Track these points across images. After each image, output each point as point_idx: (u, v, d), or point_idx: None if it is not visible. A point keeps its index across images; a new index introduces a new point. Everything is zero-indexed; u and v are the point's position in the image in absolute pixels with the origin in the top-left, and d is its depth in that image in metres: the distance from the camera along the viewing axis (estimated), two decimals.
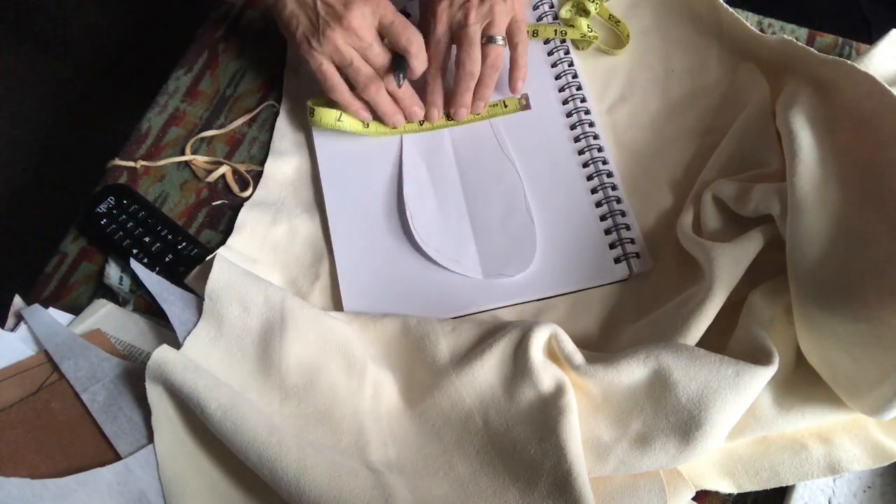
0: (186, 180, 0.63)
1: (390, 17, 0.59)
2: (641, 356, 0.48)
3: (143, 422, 0.49)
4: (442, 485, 0.48)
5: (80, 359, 0.51)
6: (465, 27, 0.60)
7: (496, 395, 0.49)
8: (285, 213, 0.61)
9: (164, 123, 0.65)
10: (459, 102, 0.62)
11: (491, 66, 0.61)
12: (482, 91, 0.62)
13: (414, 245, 0.58)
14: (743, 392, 0.46)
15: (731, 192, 0.55)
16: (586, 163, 0.61)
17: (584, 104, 0.64)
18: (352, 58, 0.59)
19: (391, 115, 0.62)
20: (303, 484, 0.45)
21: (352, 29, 0.58)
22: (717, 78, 0.65)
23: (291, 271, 0.58)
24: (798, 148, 0.52)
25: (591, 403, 0.49)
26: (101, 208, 0.59)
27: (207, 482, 0.49)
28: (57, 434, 0.49)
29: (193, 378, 0.47)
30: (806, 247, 0.48)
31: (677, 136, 0.63)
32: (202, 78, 0.68)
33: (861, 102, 0.52)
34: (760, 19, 0.69)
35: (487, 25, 0.61)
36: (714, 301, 0.50)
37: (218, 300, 0.51)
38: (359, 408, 0.50)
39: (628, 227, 0.59)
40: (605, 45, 0.67)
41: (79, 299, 0.58)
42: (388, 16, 0.59)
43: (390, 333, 0.53)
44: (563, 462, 0.45)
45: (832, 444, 0.49)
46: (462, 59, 0.61)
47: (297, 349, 0.50)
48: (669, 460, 0.47)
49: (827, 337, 0.47)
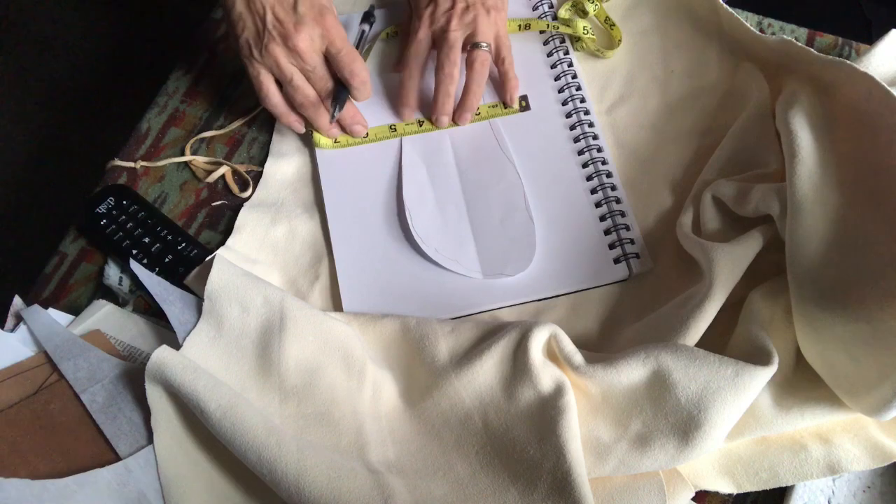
0: (186, 181, 0.63)
1: (338, 45, 0.58)
2: (641, 356, 0.48)
3: (143, 422, 0.49)
4: (441, 485, 0.48)
5: (79, 359, 0.51)
6: (446, 32, 0.61)
7: (496, 396, 0.49)
8: (285, 213, 0.61)
9: (163, 124, 0.66)
10: (440, 110, 0.62)
11: (477, 73, 0.61)
12: (469, 99, 0.62)
13: (413, 245, 0.58)
14: (742, 392, 0.46)
15: (731, 192, 0.55)
16: (586, 163, 0.61)
17: (584, 104, 0.64)
18: (292, 75, 0.58)
19: (326, 131, 0.62)
20: (302, 484, 0.45)
21: (297, 51, 0.57)
22: (717, 78, 0.65)
23: (291, 272, 0.59)
24: (798, 148, 0.52)
25: (590, 404, 0.49)
26: (101, 209, 0.59)
27: (207, 482, 0.49)
28: (57, 435, 0.49)
29: (193, 378, 0.47)
30: (805, 247, 0.48)
31: (677, 136, 0.63)
32: (202, 78, 0.68)
33: (861, 103, 0.52)
34: (760, 19, 0.69)
35: (471, 34, 0.61)
36: (714, 301, 0.50)
37: (217, 301, 0.51)
38: (358, 408, 0.50)
39: (628, 227, 0.59)
40: (599, 46, 0.67)
41: (78, 300, 0.58)
42: (336, 43, 0.58)
43: (390, 334, 0.53)
44: (563, 462, 0.45)
45: (832, 445, 0.49)
46: (441, 61, 0.61)
47: (297, 350, 0.50)
48: (669, 460, 0.47)
49: (827, 337, 0.47)
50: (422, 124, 0.64)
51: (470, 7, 0.62)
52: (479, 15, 0.61)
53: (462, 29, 0.61)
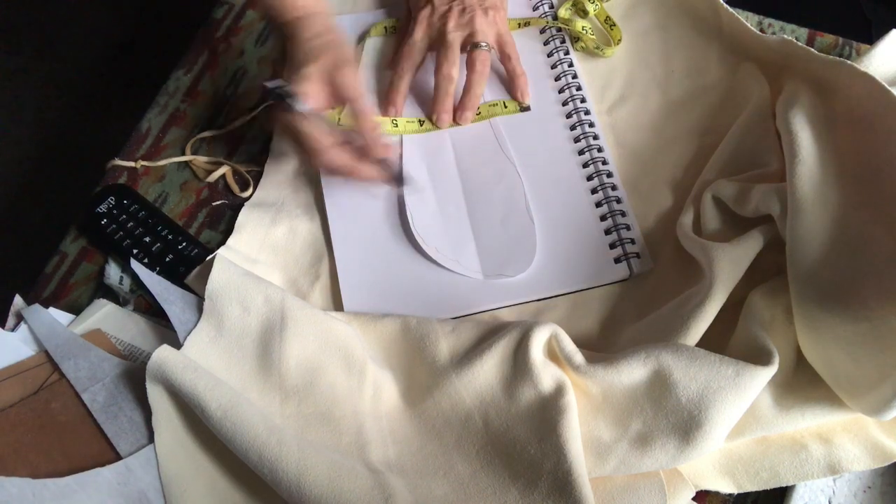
0: (186, 180, 0.63)
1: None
2: (641, 356, 0.48)
3: (144, 422, 0.49)
4: (442, 485, 0.48)
5: (80, 359, 0.51)
6: (443, 34, 0.61)
7: (496, 395, 0.49)
8: (285, 213, 0.61)
9: (164, 123, 0.66)
10: (440, 108, 0.62)
11: (477, 72, 0.61)
12: (469, 98, 0.62)
13: (414, 245, 0.58)
14: (743, 392, 0.46)
15: (731, 192, 0.55)
16: (586, 163, 0.61)
17: (584, 104, 0.64)
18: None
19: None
20: (303, 484, 0.45)
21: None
22: (717, 78, 0.65)
23: (291, 271, 0.58)
24: (798, 148, 0.52)
25: (591, 403, 0.49)
26: (102, 208, 0.59)
27: (208, 482, 0.49)
28: (57, 434, 0.49)
29: (193, 378, 0.47)
30: (806, 247, 0.48)
31: (677, 136, 0.63)
32: (202, 78, 0.68)
33: (861, 103, 0.52)
34: (760, 19, 0.69)
35: (470, 35, 0.61)
36: (714, 301, 0.50)
37: (218, 300, 0.51)
38: (359, 408, 0.50)
39: (628, 227, 0.59)
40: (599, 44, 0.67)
41: (79, 299, 0.58)
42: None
43: (390, 333, 0.53)
44: (563, 462, 0.45)
45: (832, 445, 0.49)
46: (439, 61, 0.61)
47: (297, 349, 0.50)
48: (669, 460, 0.47)
49: (827, 337, 0.47)
50: (422, 124, 0.64)
51: (467, 8, 0.62)
52: (476, 15, 0.61)
53: (460, 30, 0.61)
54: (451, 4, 0.62)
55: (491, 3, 0.63)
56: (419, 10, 0.63)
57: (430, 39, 0.62)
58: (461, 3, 0.62)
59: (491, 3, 0.63)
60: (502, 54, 0.64)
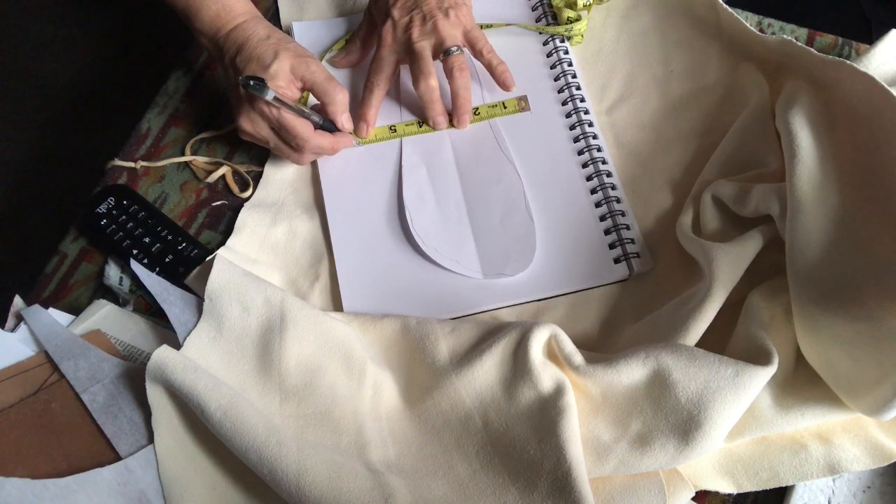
0: (186, 181, 0.63)
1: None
2: (641, 356, 0.48)
3: (144, 422, 0.49)
4: (442, 485, 0.48)
5: (80, 359, 0.51)
6: (411, 45, 0.60)
7: (496, 396, 0.49)
8: (285, 213, 0.61)
9: (164, 124, 0.66)
10: (433, 115, 0.62)
11: (458, 78, 0.61)
12: (460, 104, 0.62)
13: (414, 245, 0.58)
14: (742, 392, 0.46)
15: (731, 192, 0.55)
16: (586, 163, 0.61)
17: (584, 104, 0.64)
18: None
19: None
20: (303, 484, 0.45)
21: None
22: (717, 78, 0.65)
23: (291, 272, 0.59)
24: (797, 148, 0.52)
25: (590, 404, 0.49)
26: (101, 209, 0.59)
27: (207, 482, 0.49)
28: (57, 434, 0.49)
29: (193, 378, 0.47)
30: (805, 247, 0.48)
31: (677, 136, 0.63)
32: (202, 78, 0.68)
33: (861, 102, 0.52)
34: (760, 19, 0.69)
35: (438, 42, 0.61)
36: (714, 301, 0.50)
37: (218, 300, 0.51)
38: (358, 408, 0.50)
39: (628, 227, 0.59)
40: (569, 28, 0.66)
41: (79, 300, 0.58)
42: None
43: (390, 334, 0.53)
44: (563, 462, 0.45)
45: (832, 445, 0.49)
46: (415, 75, 0.61)
47: (297, 349, 0.50)
48: (669, 460, 0.47)
49: (827, 337, 0.47)
50: (421, 125, 0.64)
51: (427, 15, 0.61)
52: (438, 20, 0.60)
53: (426, 38, 0.61)
54: (411, 14, 0.61)
55: (450, 3, 0.62)
56: (381, 25, 0.62)
57: (398, 54, 0.62)
58: (420, 11, 0.61)
59: (450, 2, 0.62)
60: (473, 51, 0.63)
